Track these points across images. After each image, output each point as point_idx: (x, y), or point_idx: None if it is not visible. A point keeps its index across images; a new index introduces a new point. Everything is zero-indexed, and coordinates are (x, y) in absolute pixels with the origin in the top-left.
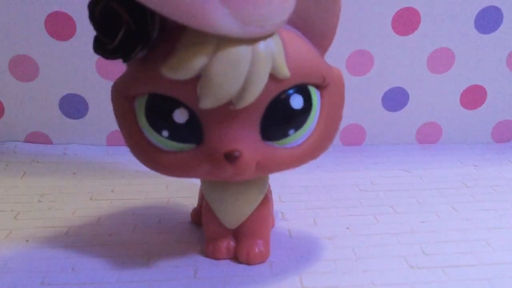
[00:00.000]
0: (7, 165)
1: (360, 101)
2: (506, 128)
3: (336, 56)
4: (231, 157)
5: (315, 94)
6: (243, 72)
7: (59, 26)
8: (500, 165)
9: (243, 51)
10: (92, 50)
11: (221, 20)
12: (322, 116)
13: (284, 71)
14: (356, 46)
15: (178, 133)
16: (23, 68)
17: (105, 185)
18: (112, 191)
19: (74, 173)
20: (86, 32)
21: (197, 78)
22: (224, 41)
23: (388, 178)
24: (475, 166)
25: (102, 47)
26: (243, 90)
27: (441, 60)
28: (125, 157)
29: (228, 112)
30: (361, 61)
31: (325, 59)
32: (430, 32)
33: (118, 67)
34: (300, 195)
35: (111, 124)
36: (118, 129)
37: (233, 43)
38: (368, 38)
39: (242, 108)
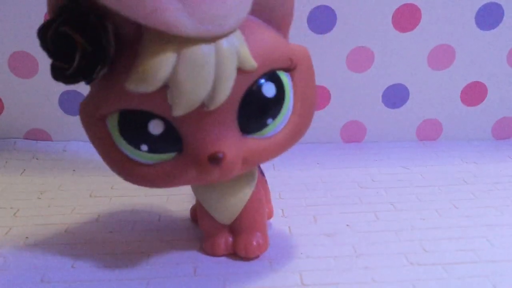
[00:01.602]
0: (6, 162)
1: (360, 98)
2: (506, 125)
3: (337, 53)
4: (215, 159)
5: (285, 78)
6: (210, 73)
7: None
8: (500, 162)
9: (206, 52)
10: None
11: (176, 17)
12: (296, 98)
13: (251, 63)
14: (356, 43)
15: (157, 145)
16: (23, 64)
17: (104, 182)
18: (111, 188)
19: (74, 170)
20: None
21: (165, 87)
22: (185, 46)
23: (388, 175)
24: (475, 163)
25: (61, 73)
26: (214, 90)
27: (441, 57)
28: None
29: (203, 114)
30: (362, 58)
31: (288, 40)
32: (431, 28)
33: None
34: (300, 192)
35: None
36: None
37: (195, 46)
38: (369, 34)
39: (216, 108)
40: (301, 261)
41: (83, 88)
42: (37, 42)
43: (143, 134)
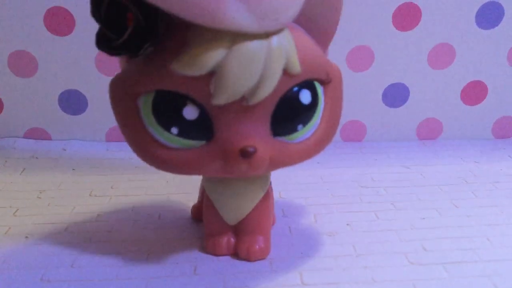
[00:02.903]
0: (6, 161)
1: (360, 97)
2: (506, 124)
3: (337, 52)
4: (246, 153)
5: (319, 89)
6: (258, 68)
7: (58, 21)
8: (500, 161)
9: (259, 47)
10: (92, 45)
11: (237, 16)
12: (326, 110)
13: (297, 67)
14: (356, 42)
15: (188, 130)
16: (22, 63)
17: (104, 181)
18: (111, 187)
19: (73, 169)
20: (85, 27)
21: (210, 74)
22: (239, 36)
23: (389, 174)
24: (475, 162)
25: (108, 43)
26: (258, 86)
27: (441, 56)
28: (125, 153)
29: (240, 108)
30: (362, 57)
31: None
32: (431, 27)
33: (118, 62)
34: (300, 191)
35: (111, 120)
36: (118, 126)
37: (248, 38)
38: (369, 33)
39: (254, 104)
40: (301, 260)
41: (83, 88)
42: (36, 40)
43: (176, 117)
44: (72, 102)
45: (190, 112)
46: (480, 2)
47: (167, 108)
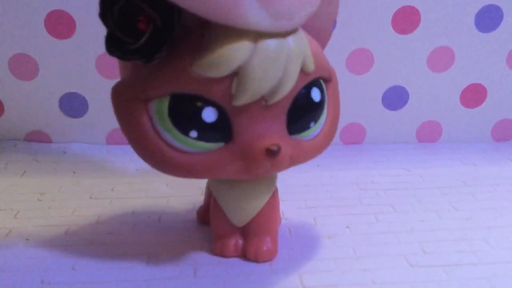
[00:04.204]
0: (7, 164)
1: (360, 100)
2: (506, 127)
3: (337, 55)
4: (271, 152)
5: (324, 87)
6: (280, 68)
7: (59, 24)
8: (500, 164)
9: (280, 46)
10: (92, 48)
11: (254, 15)
12: (330, 107)
13: (311, 65)
14: (356, 45)
15: (207, 132)
16: (23, 66)
17: (105, 184)
18: (112, 190)
19: (74, 172)
20: (86, 31)
21: (232, 75)
22: (260, 36)
23: (388, 177)
24: (475, 164)
25: (121, 47)
26: (278, 85)
27: (441, 59)
28: (125, 156)
29: (258, 107)
30: (361, 60)
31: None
32: (430, 30)
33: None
34: (300, 194)
35: (111, 123)
36: (119, 128)
37: (270, 39)
38: (368, 36)
39: (271, 103)
40: (301, 263)
41: (83, 90)
42: (37, 43)
43: (195, 120)
44: (73, 105)
45: (209, 114)
46: (479, 5)
47: (185, 112)
